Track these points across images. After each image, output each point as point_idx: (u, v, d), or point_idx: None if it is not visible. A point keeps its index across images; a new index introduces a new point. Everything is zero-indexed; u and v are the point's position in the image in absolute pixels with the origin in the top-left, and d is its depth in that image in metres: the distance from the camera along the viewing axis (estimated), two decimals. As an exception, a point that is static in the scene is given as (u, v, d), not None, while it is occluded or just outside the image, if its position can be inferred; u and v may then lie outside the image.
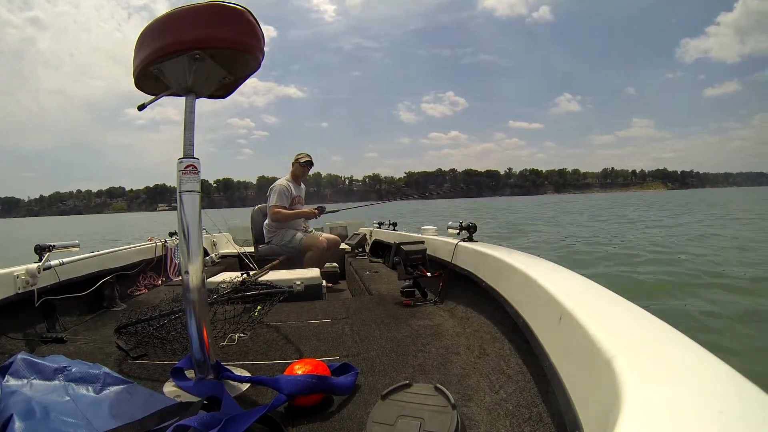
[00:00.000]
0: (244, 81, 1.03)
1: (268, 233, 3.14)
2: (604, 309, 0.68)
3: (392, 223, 3.54)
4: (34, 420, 0.70)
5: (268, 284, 1.57)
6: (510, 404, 0.81)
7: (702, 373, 0.44)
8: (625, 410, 0.37)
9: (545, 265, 1.09)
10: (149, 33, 0.87)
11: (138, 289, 2.34)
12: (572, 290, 0.78)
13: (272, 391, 0.89)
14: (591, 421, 0.49)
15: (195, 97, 0.93)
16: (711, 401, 0.38)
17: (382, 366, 1.08)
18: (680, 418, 0.35)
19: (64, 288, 1.67)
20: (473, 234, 1.79)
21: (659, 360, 0.48)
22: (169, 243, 2.79)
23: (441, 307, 1.65)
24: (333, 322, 1.53)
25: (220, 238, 3.97)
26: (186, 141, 0.90)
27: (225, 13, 0.84)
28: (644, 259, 5.71)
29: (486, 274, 1.36)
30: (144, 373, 1.09)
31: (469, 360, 1.08)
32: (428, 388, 0.78)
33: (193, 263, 0.88)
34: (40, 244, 1.59)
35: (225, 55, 0.89)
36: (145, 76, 0.91)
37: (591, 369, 0.53)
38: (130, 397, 0.83)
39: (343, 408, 0.87)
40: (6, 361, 0.84)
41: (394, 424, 0.70)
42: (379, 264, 2.87)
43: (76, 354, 1.22)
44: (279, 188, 3.08)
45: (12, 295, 1.40)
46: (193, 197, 0.89)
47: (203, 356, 0.90)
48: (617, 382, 0.43)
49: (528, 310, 0.94)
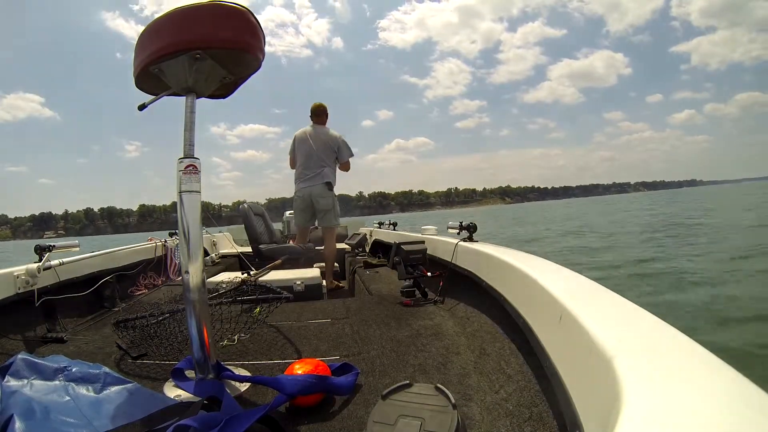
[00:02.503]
0: (244, 81, 1.03)
1: (330, 186, 2.99)
2: (604, 309, 0.68)
3: (392, 223, 3.54)
4: (35, 420, 0.70)
5: (269, 286, 1.57)
6: (510, 404, 0.81)
7: (702, 373, 0.44)
8: (625, 410, 0.37)
9: (545, 264, 1.09)
10: (149, 33, 0.87)
11: (138, 289, 2.34)
12: (572, 290, 0.78)
13: (272, 391, 0.90)
14: (591, 420, 0.49)
15: (195, 97, 0.93)
16: (711, 401, 0.38)
17: (382, 366, 1.08)
18: (680, 417, 0.35)
19: (64, 288, 1.67)
20: (473, 234, 1.79)
21: (659, 360, 0.48)
22: (169, 243, 2.79)
23: (441, 306, 1.65)
24: (333, 321, 1.53)
25: (220, 238, 3.97)
26: (186, 141, 0.90)
27: (225, 12, 0.84)
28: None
29: (486, 273, 1.36)
30: (144, 373, 1.09)
31: (469, 360, 1.08)
32: (428, 388, 0.78)
33: (193, 263, 0.88)
34: (40, 244, 1.59)
35: (225, 54, 0.89)
36: (146, 76, 0.91)
37: (591, 369, 0.53)
38: (131, 397, 0.83)
39: (344, 408, 0.87)
40: (6, 362, 0.84)
41: (395, 424, 0.70)
42: (379, 264, 2.87)
43: (76, 354, 1.23)
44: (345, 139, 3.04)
45: (12, 295, 1.40)
46: (193, 197, 0.88)
47: (203, 356, 0.90)
48: (617, 382, 0.43)
49: (528, 309, 0.94)
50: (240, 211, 3.04)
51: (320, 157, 2.94)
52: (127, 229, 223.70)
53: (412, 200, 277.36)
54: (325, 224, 3.04)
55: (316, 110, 3.05)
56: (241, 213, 3.01)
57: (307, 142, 2.96)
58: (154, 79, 0.92)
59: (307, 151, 2.95)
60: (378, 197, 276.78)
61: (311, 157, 2.94)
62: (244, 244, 3.58)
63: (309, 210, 3.03)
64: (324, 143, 2.95)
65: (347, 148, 3.04)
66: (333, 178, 3.01)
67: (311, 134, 2.97)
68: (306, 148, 2.96)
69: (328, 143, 2.96)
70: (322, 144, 2.95)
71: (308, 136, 2.97)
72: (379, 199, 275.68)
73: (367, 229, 3.94)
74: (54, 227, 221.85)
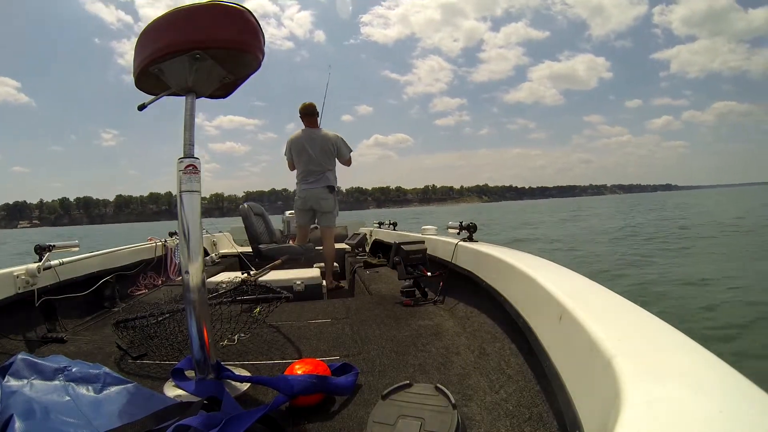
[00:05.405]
0: (244, 81, 1.03)
1: (332, 188, 3.00)
2: (604, 309, 0.68)
3: (392, 223, 3.54)
4: (35, 420, 0.70)
5: (268, 286, 1.57)
6: (510, 404, 0.81)
7: (702, 373, 0.44)
8: (625, 410, 0.37)
9: (545, 264, 1.09)
10: (149, 32, 0.87)
11: (138, 289, 2.34)
12: (572, 290, 0.78)
13: (272, 391, 0.90)
14: (591, 420, 0.49)
15: (195, 97, 0.93)
16: (711, 400, 0.38)
17: (382, 366, 1.08)
18: (680, 417, 0.35)
19: (65, 288, 1.67)
20: (473, 234, 1.79)
21: (659, 360, 0.48)
22: (169, 243, 2.79)
23: (441, 306, 1.65)
24: (333, 321, 1.53)
25: (220, 238, 3.97)
26: (186, 141, 0.90)
27: (225, 12, 0.84)
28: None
29: (486, 273, 1.36)
30: (144, 373, 1.09)
31: (469, 360, 1.08)
32: (428, 388, 0.78)
33: (193, 263, 0.88)
34: (40, 244, 1.59)
35: (225, 54, 0.89)
36: (146, 76, 0.91)
37: (591, 369, 0.53)
38: (131, 397, 0.83)
39: (344, 408, 0.87)
40: (6, 362, 0.84)
41: (395, 424, 0.70)
42: (379, 264, 2.87)
43: (76, 354, 1.22)
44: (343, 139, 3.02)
45: (12, 295, 1.40)
46: (193, 197, 0.88)
47: (203, 356, 0.90)
48: (617, 381, 0.43)
49: (528, 309, 0.94)
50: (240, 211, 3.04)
51: (320, 163, 2.94)
52: (104, 219, 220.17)
53: (389, 196, 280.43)
54: (324, 224, 3.04)
55: (307, 111, 2.99)
56: (241, 213, 3.01)
57: (304, 149, 2.93)
58: (153, 79, 0.92)
59: (306, 159, 2.94)
60: (355, 192, 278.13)
61: (311, 163, 2.94)
62: (244, 244, 3.58)
63: (309, 210, 3.03)
64: (321, 148, 2.93)
65: (345, 146, 3.03)
66: (334, 181, 3.01)
67: (307, 141, 2.94)
68: (305, 157, 2.94)
69: (325, 147, 2.94)
70: (320, 149, 2.93)
71: (304, 143, 2.93)
72: (356, 195, 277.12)
73: (367, 229, 3.94)
74: (29, 217, 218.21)
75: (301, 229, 3.19)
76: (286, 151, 3.10)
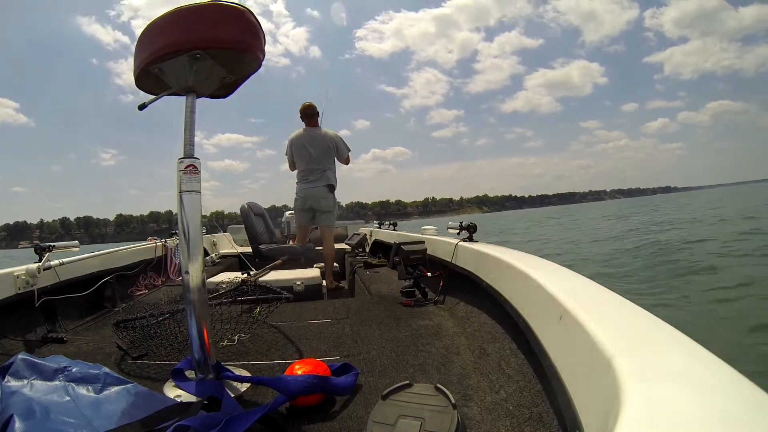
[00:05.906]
0: (245, 81, 1.03)
1: (332, 188, 3.03)
2: (604, 309, 0.68)
3: (392, 223, 3.54)
4: (35, 420, 0.70)
5: (268, 286, 1.57)
6: (510, 404, 0.81)
7: (702, 373, 0.44)
8: (625, 410, 0.37)
9: (545, 264, 1.09)
10: (150, 32, 0.87)
11: (138, 289, 2.35)
12: (572, 290, 0.78)
13: (272, 391, 0.89)
14: (591, 420, 0.49)
15: (195, 97, 0.93)
16: (711, 401, 0.38)
17: (382, 366, 1.08)
18: (680, 417, 0.35)
19: (65, 288, 1.66)
20: (473, 234, 1.79)
21: (659, 360, 0.48)
22: (169, 243, 2.79)
23: (441, 307, 1.65)
24: (333, 322, 1.53)
25: (220, 238, 3.97)
26: (186, 141, 0.90)
27: (225, 12, 0.84)
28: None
29: (486, 274, 1.36)
30: (144, 373, 1.09)
31: (469, 360, 1.08)
32: (428, 388, 0.78)
33: (193, 263, 0.88)
34: (40, 244, 1.59)
35: (226, 54, 0.89)
36: (146, 76, 0.91)
37: (591, 369, 0.53)
38: (131, 397, 0.83)
39: (344, 408, 0.87)
40: (6, 362, 0.84)
41: (395, 424, 0.70)
42: (379, 264, 2.87)
43: (76, 354, 1.22)
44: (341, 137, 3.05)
45: (12, 295, 1.40)
46: (193, 197, 0.88)
47: (203, 356, 0.90)
48: (617, 381, 0.43)
49: (528, 309, 0.94)
50: (240, 211, 3.04)
51: (320, 161, 2.96)
52: (105, 239, 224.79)
53: (389, 210, 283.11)
54: (323, 224, 3.05)
55: (307, 111, 3.03)
56: (241, 213, 3.02)
57: (304, 148, 2.97)
58: (154, 78, 0.92)
59: (307, 158, 2.97)
60: (356, 207, 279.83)
61: (312, 162, 2.96)
62: (244, 244, 3.58)
63: (309, 210, 3.04)
64: (322, 147, 2.96)
65: (344, 144, 3.07)
66: (334, 180, 3.02)
67: (308, 140, 2.98)
68: (305, 156, 2.97)
69: (325, 146, 2.97)
70: (320, 149, 2.96)
71: (305, 143, 2.97)
72: (357, 209, 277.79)
73: (367, 229, 3.94)
74: (29, 237, 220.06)
75: (301, 229, 3.19)
76: (287, 150, 3.13)
